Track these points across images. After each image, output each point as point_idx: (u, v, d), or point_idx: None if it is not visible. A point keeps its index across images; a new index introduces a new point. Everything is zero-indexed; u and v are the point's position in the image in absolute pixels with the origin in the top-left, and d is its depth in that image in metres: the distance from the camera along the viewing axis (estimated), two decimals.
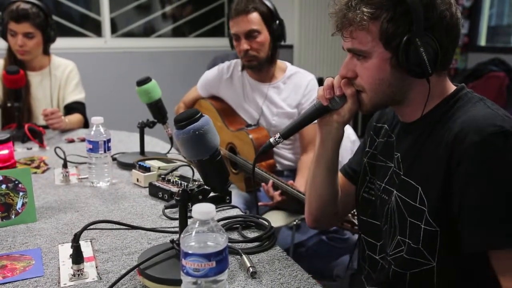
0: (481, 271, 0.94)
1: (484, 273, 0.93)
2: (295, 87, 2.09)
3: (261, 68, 2.07)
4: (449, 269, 0.97)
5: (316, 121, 1.13)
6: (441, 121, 0.98)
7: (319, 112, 1.11)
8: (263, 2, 2.00)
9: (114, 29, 4.53)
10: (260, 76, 2.12)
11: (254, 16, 1.97)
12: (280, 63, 2.14)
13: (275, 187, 1.82)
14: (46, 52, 2.42)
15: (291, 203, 1.82)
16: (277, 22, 2.01)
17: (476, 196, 0.88)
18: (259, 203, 1.92)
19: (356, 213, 1.27)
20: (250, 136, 2.00)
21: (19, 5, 2.24)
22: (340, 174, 1.27)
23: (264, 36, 2.00)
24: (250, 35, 1.98)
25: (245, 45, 2.00)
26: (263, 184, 1.85)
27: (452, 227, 0.93)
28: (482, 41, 4.38)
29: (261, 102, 2.10)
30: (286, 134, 1.14)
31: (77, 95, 2.49)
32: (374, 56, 0.97)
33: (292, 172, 2.12)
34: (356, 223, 1.37)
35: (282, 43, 2.07)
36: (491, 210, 0.87)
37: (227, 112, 2.21)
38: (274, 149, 2.08)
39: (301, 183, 1.86)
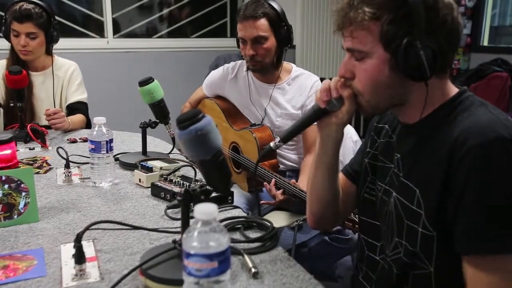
0: None
1: None
2: (299, 89, 2.09)
3: (266, 71, 2.07)
4: (447, 275, 0.96)
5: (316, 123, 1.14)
6: (442, 125, 0.97)
7: (317, 115, 1.11)
8: (272, 6, 1.98)
9: (116, 30, 4.54)
10: (265, 77, 2.12)
11: (262, 22, 1.96)
12: (285, 64, 2.14)
13: (278, 186, 1.82)
14: (48, 52, 2.43)
15: (293, 202, 1.82)
16: (285, 27, 2.00)
17: (470, 200, 0.88)
18: (262, 202, 1.92)
19: (357, 212, 1.27)
20: (254, 135, 2.00)
21: (22, 5, 2.25)
22: (341, 175, 1.27)
23: (271, 42, 1.99)
24: (257, 41, 1.98)
25: (250, 51, 1.99)
26: (265, 183, 1.85)
27: (448, 232, 0.92)
28: (485, 41, 4.38)
29: (265, 103, 2.10)
30: (286, 138, 1.14)
31: (79, 95, 2.49)
32: (373, 57, 0.96)
33: (294, 173, 2.12)
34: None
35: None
36: (483, 216, 0.87)
37: (231, 112, 2.21)
38: (277, 150, 2.08)
39: (304, 183, 1.86)
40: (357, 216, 1.39)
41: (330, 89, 1.06)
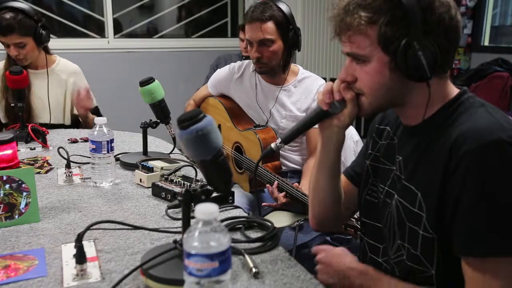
0: None
1: None
2: (305, 91, 2.08)
3: (272, 73, 2.07)
4: (448, 277, 0.96)
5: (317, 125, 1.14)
6: (443, 127, 0.97)
7: (319, 117, 1.11)
8: (281, 9, 1.97)
9: (117, 30, 4.54)
10: (272, 79, 2.11)
11: (269, 25, 1.95)
12: (292, 66, 2.13)
13: (280, 188, 1.81)
14: (46, 50, 2.42)
15: (295, 205, 1.81)
16: (293, 30, 1.99)
17: (468, 203, 0.88)
18: (263, 204, 1.91)
19: (359, 218, 1.27)
20: (258, 136, 1.99)
21: (2, 17, 2.19)
22: (343, 177, 1.27)
23: (278, 45, 1.98)
24: (263, 43, 1.97)
25: (256, 53, 1.99)
26: (267, 185, 1.85)
27: (448, 235, 0.92)
28: (486, 41, 4.37)
29: (271, 104, 2.10)
30: (287, 139, 1.14)
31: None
32: (373, 60, 0.96)
33: (296, 174, 2.12)
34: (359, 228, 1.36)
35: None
36: (480, 219, 0.87)
37: (236, 112, 2.21)
38: (281, 151, 2.07)
39: (306, 186, 1.86)
40: (359, 222, 1.39)
41: (332, 92, 1.06)
